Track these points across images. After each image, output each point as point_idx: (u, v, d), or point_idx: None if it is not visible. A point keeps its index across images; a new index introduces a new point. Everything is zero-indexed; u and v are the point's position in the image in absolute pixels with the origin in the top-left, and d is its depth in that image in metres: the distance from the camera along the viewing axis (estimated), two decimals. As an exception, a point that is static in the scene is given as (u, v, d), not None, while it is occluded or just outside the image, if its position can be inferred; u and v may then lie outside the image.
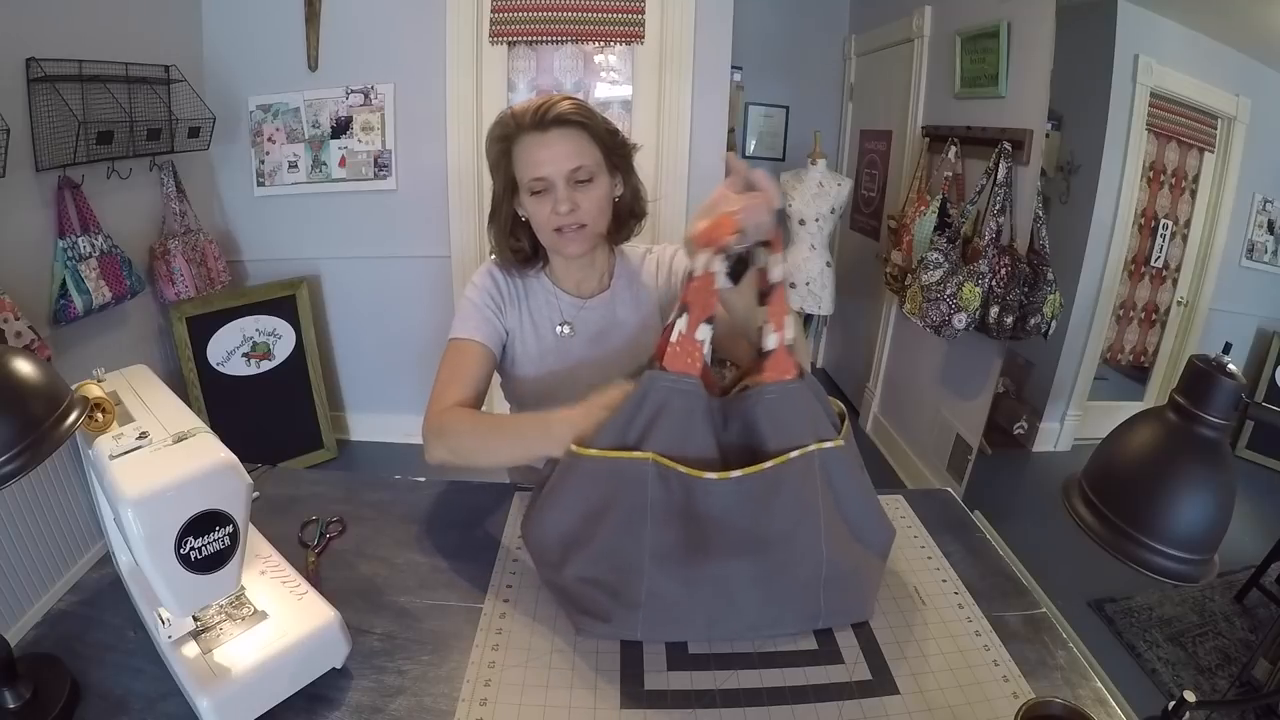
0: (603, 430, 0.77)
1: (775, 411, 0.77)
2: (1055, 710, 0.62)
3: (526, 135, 1.01)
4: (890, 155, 3.08)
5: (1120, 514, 0.55)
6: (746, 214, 0.74)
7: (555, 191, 1.01)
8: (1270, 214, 1.53)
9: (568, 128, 1.00)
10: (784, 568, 0.76)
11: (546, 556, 0.82)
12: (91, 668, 0.73)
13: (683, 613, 0.76)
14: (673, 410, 0.75)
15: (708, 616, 0.76)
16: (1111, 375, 1.91)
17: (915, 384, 2.84)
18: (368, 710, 0.70)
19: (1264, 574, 1.39)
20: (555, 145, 1.00)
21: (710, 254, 0.74)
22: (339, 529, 0.98)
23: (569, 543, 0.79)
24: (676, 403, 0.75)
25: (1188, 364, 0.55)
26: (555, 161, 1.00)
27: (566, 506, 0.79)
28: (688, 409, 0.76)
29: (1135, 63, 1.72)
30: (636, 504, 0.74)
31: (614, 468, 0.75)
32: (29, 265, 1.86)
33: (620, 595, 0.75)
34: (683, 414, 0.75)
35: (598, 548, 0.76)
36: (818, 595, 0.77)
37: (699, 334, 0.75)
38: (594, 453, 0.76)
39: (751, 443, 0.78)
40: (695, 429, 0.76)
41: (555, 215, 1.01)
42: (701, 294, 0.74)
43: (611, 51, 2.65)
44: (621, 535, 0.75)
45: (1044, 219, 1.98)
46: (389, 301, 2.84)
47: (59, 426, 0.59)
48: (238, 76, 2.55)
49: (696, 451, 0.76)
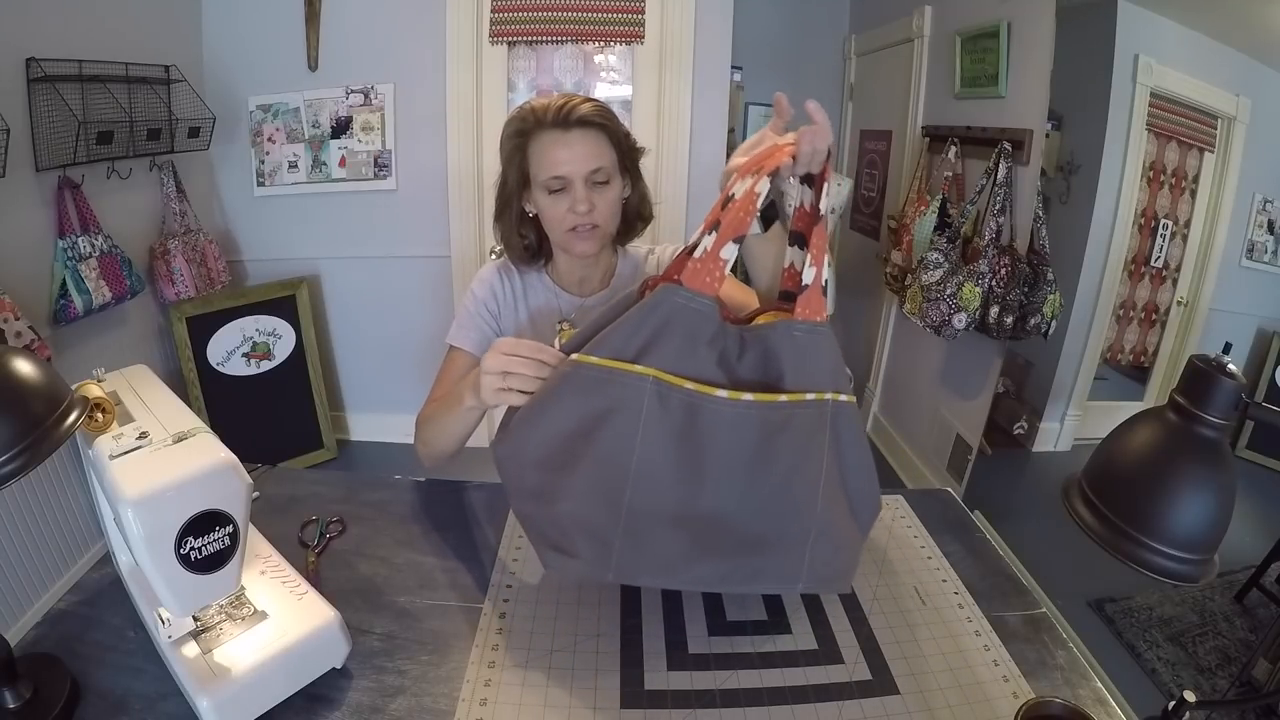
0: (601, 340, 0.70)
1: (801, 350, 0.71)
2: (1055, 710, 0.62)
3: (547, 132, 1.01)
4: (890, 155, 3.08)
5: (1120, 514, 0.55)
6: (805, 138, 0.70)
7: (573, 191, 1.01)
8: (1270, 214, 1.53)
9: (589, 129, 1.00)
10: (774, 516, 0.70)
11: (522, 481, 0.75)
12: (91, 668, 0.73)
13: (660, 552, 0.69)
14: (680, 328, 0.68)
15: (686, 558, 0.69)
16: (1111, 375, 1.91)
17: (915, 384, 2.84)
18: (368, 710, 0.70)
19: (1264, 574, 1.39)
20: (576, 145, 1.00)
21: (757, 177, 0.68)
22: (339, 529, 0.98)
23: (549, 466, 0.71)
24: (686, 320, 0.68)
25: (1188, 364, 0.55)
26: (575, 162, 1.00)
27: (550, 423, 0.71)
28: (696, 329, 0.69)
29: (1135, 63, 1.72)
30: (628, 424, 0.67)
31: (609, 379, 0.68)
32: (29, 265, 1.86)
33: (595, 529, 0.68)
34: (690, 334, 0.68)
35: (580, 473, 0.69)
36: (802, 555, 0.70)
37: (724, 252, 0.68)
38: (592, 360, 0.69)
39: (767, 377, 0.72)
40: (700, 352, 0.69)
41: (572, 215, 1.02)
42: (738, 214, 0.68)
43: (611, 51, 2.65)
44: (606, 460, 0.68)
45: (1044, 219, 1.98)
46: (389, 301, 2.84)
47: (59, 426, 0.59)
48: (238, 76, 2.55)
49: (698, 375, 0.69)
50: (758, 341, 0.72)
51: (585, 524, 0.69)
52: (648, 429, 0.67)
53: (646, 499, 0.68)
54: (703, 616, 0.83)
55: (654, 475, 0.67)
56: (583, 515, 0.69)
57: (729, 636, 0.80)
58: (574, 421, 0.70)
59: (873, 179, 3.27)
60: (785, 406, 0.69)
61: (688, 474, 0.68)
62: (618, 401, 0.67)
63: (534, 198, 1.06)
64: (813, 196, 0.76)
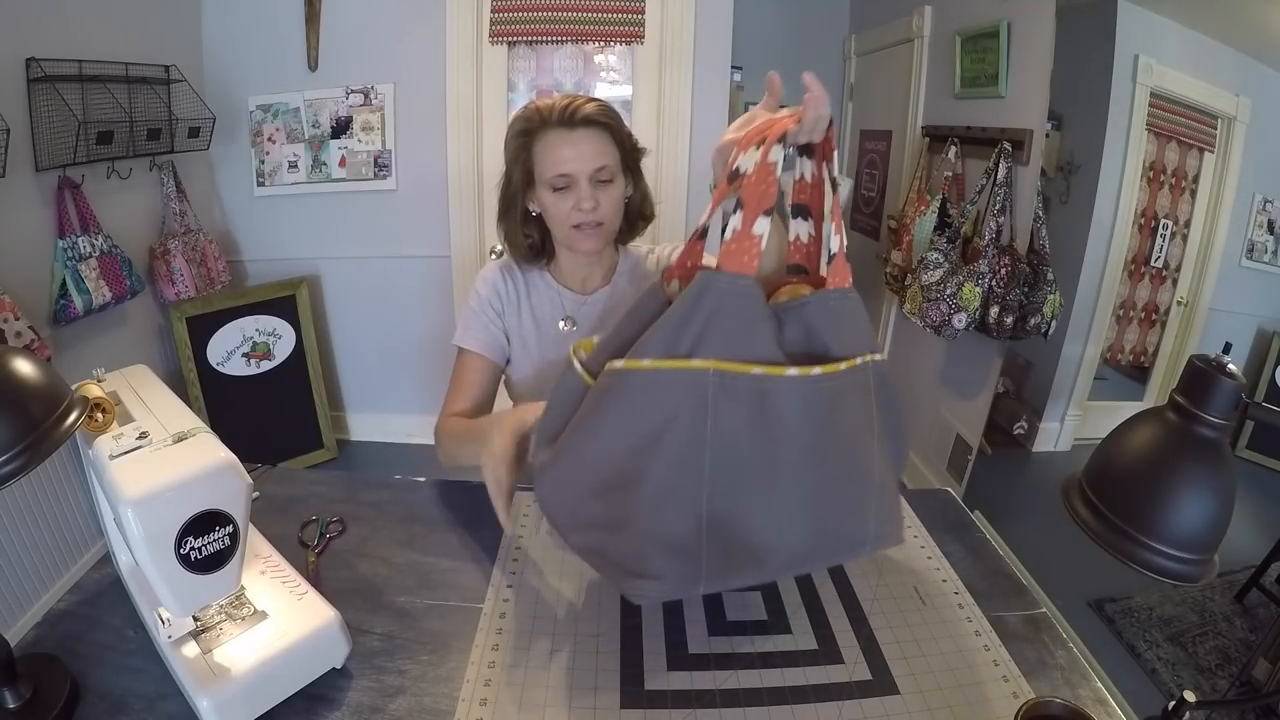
0: (645, 343, 0.64)
1: (839, 318, 0.69)
2: (1055, 710, 0.62)
3: (553, 131, 1.02)
4: (890, 155, 3.08)
5: (1120, 514, 0.55)
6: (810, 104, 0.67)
7: (578, 189, 1.02)
8: (1270, 214, 1.53)
9: (594, 128, 1.02)
10: (847, 485, 0.68)
11: (579, 514, 0.70)
12: (91, 668, 0.73)
13: (746, 550, 0.65)
14: (732, 313, 0.64)
15: (772, 549, 0.66)
16: (1111, 375, 1.91)
17: (915, 384, 2.84)
18: (368, 710, 0.70)
19: (1264, 574, 1.39)
20: (582, 144, 1.01)
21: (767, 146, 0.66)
22: (339, 529, 0.98)
23: (609, 488, 0.66)
24: (735, 304, 0.64)
25: (1188, 364, 0.55)
26: (581, 160, 1.01)
27: (604, 443, 0.66)
28: (748, 311, 0.65)
29: (1135, 63, 1.72)
30: (695, 424, 0.62)
31: (664, 380, 0.62)
32: (29, 265, 1.86)
33: (675, 544, 0.64)
34: (743, 317, 0.65)
35: (648, 488, 0.64)
36: (866, 516, 0.69)
37: (757, 228, 0.64)
38: (646, 364, 0.63)
39: (812, 349, 0.69)
40: (757, 333, 0.65)
41: (577, 212, 1.03)
42: (759, 186, 0.65)
43: (611, 51, 2.65)
44: (676, 467, 0.63)
45: (1044, 219, 1.98)
46: (389, 301, 2.84)
47: (59, 426, 0.59)
48: (238, 76, 2.55)
49: (760, 358, 0.65)
50: (795, 316, 0.69)
51: (664, 540, 0.65)
52: (717, 424, 0.62)
53: (726, 499, 0.64)
54: (703, 617, 0.83)
55: (730, 473, 0.64)
56: (659, 532, 0.65)
57: (729, 636, 0.80)
58: (632, 435, 0.64)
59: (873, 179, 3.27)
60: (844, 374, 0.67)
61: (764, 463, 0.64)
62: (680, 402, 0.62)
63: (538, 196, 1.07)
64: (814, 167, 0.74)
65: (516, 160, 1.06)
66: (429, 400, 2.96)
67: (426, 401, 2.97)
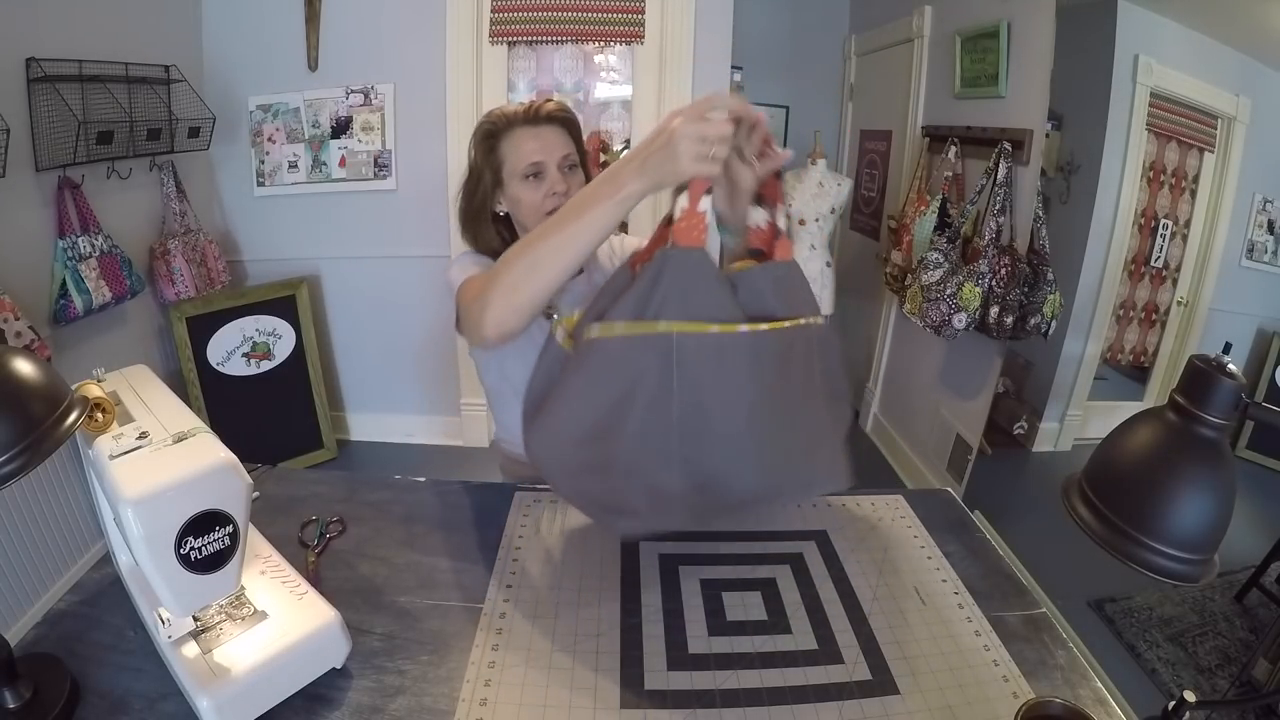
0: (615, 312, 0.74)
1: (784, 285, 0.79)
2: (1055, 710, 0.62)
3: (519, 129, 1.09)
4: (890, 155, 3.08)
5: (1120, 514, 0.55)
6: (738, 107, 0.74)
7: (549, 175, 1.09)
8: (1270, 214, 1.53)
9: (555, 124, 1.11)
10: (794, 428, 0.77)
11: (566, 461, 0.78)
12: (91, 668, 0.73)
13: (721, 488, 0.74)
14: (686, 278, 0.73)
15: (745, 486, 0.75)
16: (1111, 375, 1.91)
17: (915, 384, 2.84)
18: (368, 710, 0.70)
19: (1264, 574, 1.39)
20: (547, 137, 1.09)
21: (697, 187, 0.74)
22: (339, 529, 0.98)
23: (591, 438, 0.75)
24: (688, 270, 0.73)
25: (1188, 364, 0.55)
26: (548, 150, 1.09)
27: (584, 401, 0.76)
28: (701, 276, 0.74)
29: (1135, 63, 1.72)
30: (662, 379, 0.71)
31: (634, 344, 0.72)
32: (29, 265, 1.86)
33: (654, 483, 0.73)
34: (699, 283, 0.73)
35: (627, 436, 0.72)
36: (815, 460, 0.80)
37: (701, 205, 0.74)
38: (615, 331, 0.73)
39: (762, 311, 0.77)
40: (713, 295, 0.74)
41: (550, 198, 1.08)
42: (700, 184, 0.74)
43: (611, 51, 2.65)
44: (649, 418, 0.72)
45: (1044, 219, 1.98)
46: (389, 301, 2.84)
47: (59, 426, 0.59)
48: (238, 76, 2.55)
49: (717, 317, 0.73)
50: (746, 282, 0.79)
51: (641, 481, 0.74)
52: (682, 378, 0.71)
53: (694, 443, 0.72)
54: (703, 617, 0.83)
55: (696, 419, 0.72)
56: (636, 474, 0.74)
57: (729, 636, 0.80)
58: (610, 391, 0.73)
59: (873, 179, 3.27)
60: (789, 331, 0.77)
61: (725, 410, 0.73)
62: (648, 361, 0.71)
63: (508, 193, 1.12)
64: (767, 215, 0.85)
65: (486, 162, 1.12)
66: (429, 400, 2.97)
67: (426, 401, 2.97)
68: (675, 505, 0.74)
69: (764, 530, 1.00)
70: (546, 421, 0.79)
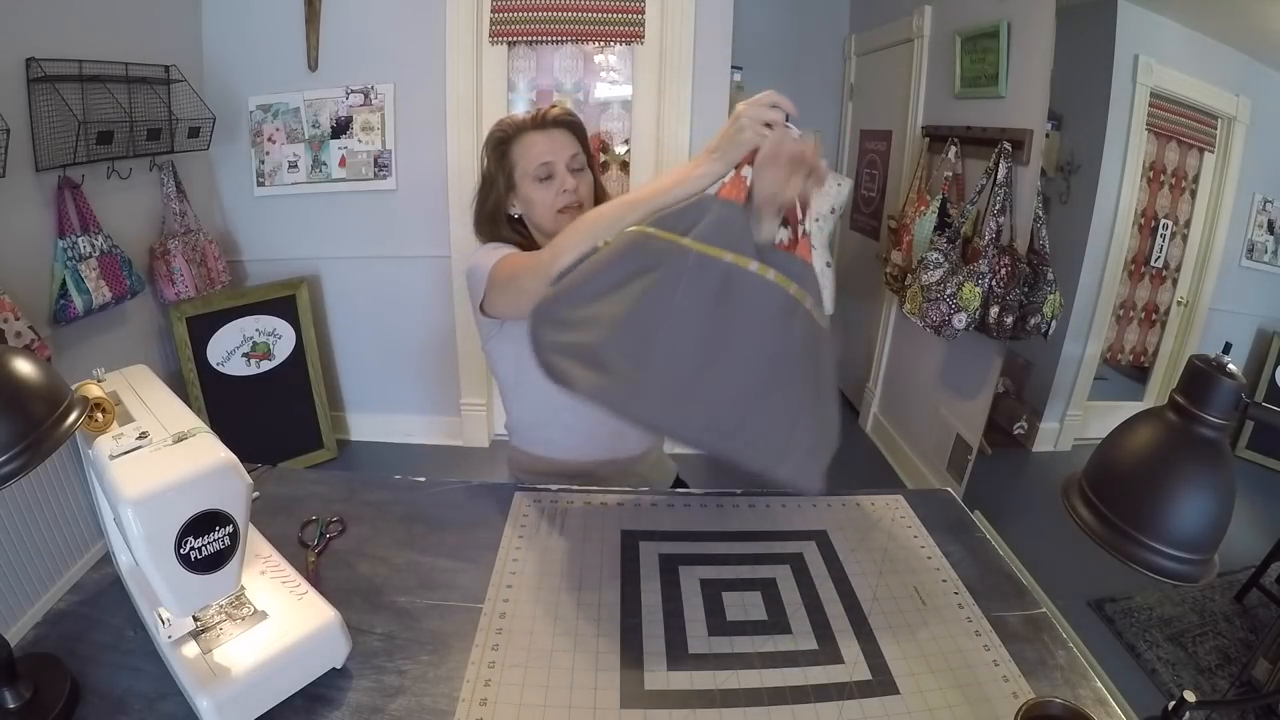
0: (656, 220, 0.83)
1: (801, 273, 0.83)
2: (1055, 710, 0.62)
3: (528, 133, 1.16)
4: (890, 155, 3.08)
5: (1120, 514, 0.55)
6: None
7: (559, 174, 1.15)
8: (1270, 214, 1.53)
9: (562, 128, 1.17)
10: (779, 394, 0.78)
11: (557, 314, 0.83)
12: (91, 668, 0.73)
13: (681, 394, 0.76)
14: (720, 218, 0.81)
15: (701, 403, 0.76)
16: (1111, 375, 1.91)
17: (915, 384, 2.84)
18: (368, 710, 0.70)
19: (1264, 574, 1.39)
20: (556, 139, 1.16)
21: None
22: (339, 529, 0.98)
23: (588, 299, 0.82)
24: (721, 209, 0.82)
25: (1188, 364, 0.55)
26: (557, 151, 1.15)
27: (601, 273, 0.83)
28: (734, 220, 0.82)
29: (1135, 63, 1.72)
30: (673, 274, 0.78)
31: (659, 243, 0.80)
32: (29, 265, 1.86)
33: (628, 357, 0.76)
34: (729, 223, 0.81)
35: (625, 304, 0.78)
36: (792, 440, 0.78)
37: (744, 172, 0.85)
38: (651, 230, 0.82)
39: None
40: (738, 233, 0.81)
41: (561, 195, 1.14)
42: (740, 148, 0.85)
43: (611, 51, 2.65)
44: (648, 298, 0.78)
45: (1044, 219, 1.98)
46: (389, 301, 2.84)
47: (59, 426, 0.59)
48: (238, 76, 2.55)
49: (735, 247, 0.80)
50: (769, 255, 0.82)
51: (618, 351, 0.77)
52: (690, 283, 0.78)
53: (677, 340, 0.76)
54: (703, 616, 0.83)
55: (688, 319, 0.77)
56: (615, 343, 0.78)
57: (729, 636, 0.80)
58: (624, 273, 0.81)
59: (873, 179, 3.27)
60: (793, 299, 0.79)
61: (717, 329, 0.77)
62: (666, 257, 0.79)
63: (520, 195, 1.18)
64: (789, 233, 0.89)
65: (500, 167, 1.18)
66: (429, 400, 2.97)
67: (426, 401, 2.97)
68: (651, 380, 0.76)
69: (764, 530, 1.01)
70: (561, 287, 0.86)
